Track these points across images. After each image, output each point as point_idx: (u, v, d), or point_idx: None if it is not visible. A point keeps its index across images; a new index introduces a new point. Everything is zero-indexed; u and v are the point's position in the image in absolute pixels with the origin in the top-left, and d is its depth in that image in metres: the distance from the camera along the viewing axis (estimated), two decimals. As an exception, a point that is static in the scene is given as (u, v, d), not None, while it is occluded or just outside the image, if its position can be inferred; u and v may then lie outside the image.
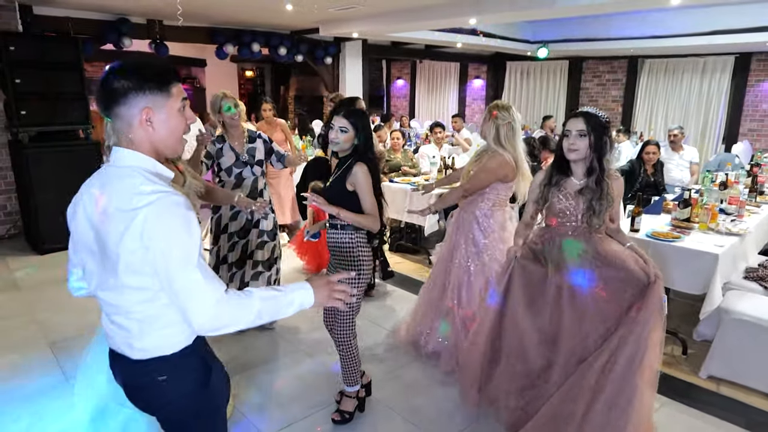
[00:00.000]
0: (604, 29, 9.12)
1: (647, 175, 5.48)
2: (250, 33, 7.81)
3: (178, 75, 1.40)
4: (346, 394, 2.66)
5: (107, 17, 6.47)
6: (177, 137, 1.37)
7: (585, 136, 2.20)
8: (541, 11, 5.64)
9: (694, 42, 8.06)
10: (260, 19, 7.07)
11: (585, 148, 2.21)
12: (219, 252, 3.39)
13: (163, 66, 1.35)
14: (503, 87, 12.38)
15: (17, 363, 3.18)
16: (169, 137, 1.35)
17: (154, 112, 1.30)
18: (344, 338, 2.53)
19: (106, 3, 5.79)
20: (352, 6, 5.90)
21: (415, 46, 10.16)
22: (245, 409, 2.75)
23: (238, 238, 3.39)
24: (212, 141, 3.22)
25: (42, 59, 5.24)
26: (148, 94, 1.29)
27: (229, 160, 3.24)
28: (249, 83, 13.54)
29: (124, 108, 1.29)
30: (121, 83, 1.27)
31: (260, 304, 1.31)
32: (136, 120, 1.30)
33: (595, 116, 2.22)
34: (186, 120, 1.38)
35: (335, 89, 9.26)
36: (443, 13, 6.04)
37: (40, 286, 4.38)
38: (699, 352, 3.31)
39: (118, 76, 1.28)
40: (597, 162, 2.23)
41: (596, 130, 2.20)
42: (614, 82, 10.97)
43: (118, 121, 1.31)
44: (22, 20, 5.68)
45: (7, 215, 5.81)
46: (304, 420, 2.68)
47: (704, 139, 9.70)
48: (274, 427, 2.63)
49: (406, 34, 8.21)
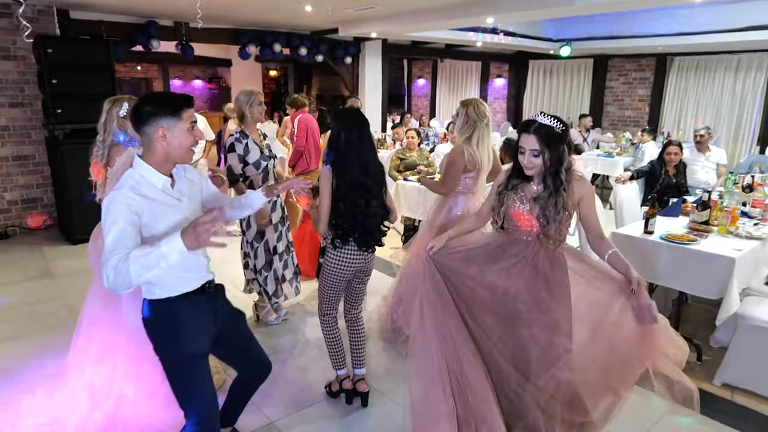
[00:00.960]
0: (630, 26, 8.98)
1: (668, 176, 5.42)
2: (271, 34, 8.00)
3: (191, 102, 1.83)
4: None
5: (137, 20, 6.74)
6: (185, 150, 1.82)
7: (539, 156, 2.09)
8: (559, 9, 5.63)
9: (727, 39, 7.82)
10: (281, 20, 7.24)
11: (541, 164, 2.10)
12: (268, 245, 3.54)
13: (179, 96, 1.81)
14: (525, 86, 12.30)
15: (47, 343, 3.41)
16: (178, 149, 1.79)
17: (168, 131, 1.75)
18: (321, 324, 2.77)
19: (135, 6, 6.03)
20: (369, 6, 5.99)
21: (435, 45, 10.20)
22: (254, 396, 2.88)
23: (281, 227, 3.60)
24: (236, 139, 3.34)
25: (76, 61, 5.52)
26: (164, 118, 1.74)
27: (255, 154, 3.37)
28: (272, 83, 13.79)
29: (146, 127, 1.75)
30: (145, 109, 1.74)
31: (135, 265, 1.56)
32: (155, 136, 1.75)
33: (547, 129, 2.08)
34: (194, 137, 1.83)
35: (355, 89, 9.37)
36: (460, 13, 6.09)
37: (72, 274, 4.63)
38: (715, 359, 3.25)
39: (144, 104, 1.76)
40: (552, 175, 2.11)
41: (551, 145, 2.07)
42: (641, 80, 10.79)
43: (144, 136, 1.77)
44: (59, 24, 5.99)
45: (44, 207, 6.13)
46: (312, 407, 2.81)
47: (737, 141, 9.44)
48: (282, 413, 2.77)
49: (426, 34, 8.26)
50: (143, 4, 5.82)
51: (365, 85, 9.27)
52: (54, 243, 5.58)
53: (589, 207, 2.21)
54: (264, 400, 2.84)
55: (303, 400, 2.88)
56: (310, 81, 13.44)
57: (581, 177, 2.19)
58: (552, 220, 2.14)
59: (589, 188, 2.21)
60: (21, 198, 5.98)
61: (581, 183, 2.18)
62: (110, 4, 5.90)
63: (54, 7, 5.89)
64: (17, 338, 3.52)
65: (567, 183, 2.12)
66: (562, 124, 2.09)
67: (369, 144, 2.54)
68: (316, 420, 2.72)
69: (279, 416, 2.74)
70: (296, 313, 3.96)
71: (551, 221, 2.14)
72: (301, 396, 2.91)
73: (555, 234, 2.17)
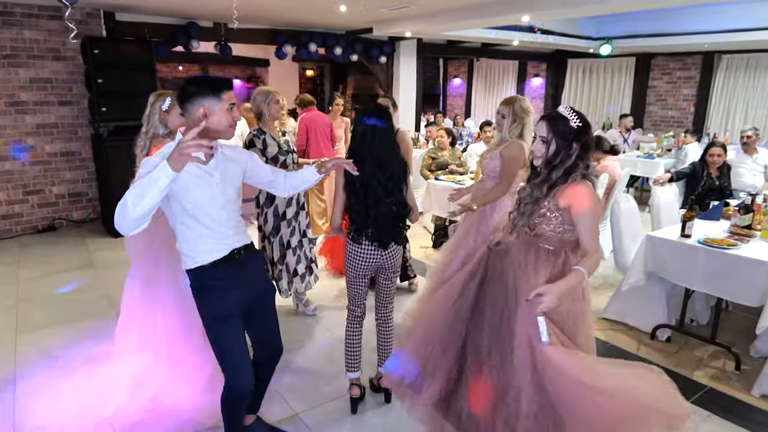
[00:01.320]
0: (675, 23, 8.68)
1: (711, 178, 5.22)
2: (307, 34, 8.11)
3: (230, 85, 1.96)
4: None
5: (178, 21, 6.96)
6: (224, 128, 1.94)
7: (545, 143, 1.99)
8: (595, 7, 5.49)
9: (780, 35, 7.47)
10: (316, 20, 7.33)
11: (545, 153, 2.01)
12: (282, 239, 3.64)
13: (220, 79, 1.96)
14: (563, 85, 12.05)
15: (87, 330, 3.58)
16: (217, 126, 1.91)
17: (208, 109, 1.88)
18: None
19: (177, 8, 6.23)
20: (404, 6, 6.00)
21: (471, 44, 10.11)
22: (280, 387, 2.95)
23: (295, 222, 3.68)
24: (254, 135, 3.48)
25: (121, 61, 5.75)
26: (206, 97, 1.88)
27: (273, 149, 3.48)
28: (309, 82, 13.95)
29: (189, 104, 1.90)
30: (190, 89, 1.89)
31: (129, 195, 1.66)
32: (196, 114, 1.88)
33: (561, 118, 1.97)
34: (233, 118, 1.96)
35: (389, 88, 9.39)
36: (495, 11, 6.03)
37: (113, 266, 4.83)
38: (754, 369, 3.14)
39: (189, 84, 1.91)
40: (550, 166, 2.00)
41: (560, 135, 1.96)
42: (686, 79, 10.41)
43: (186, 114, 1.92)
44: (105, 26, 6.25)
45: (88, 201, 6.41)
46: (335, 401, 2.84)
47: (790, 144, 9.01)
48: (307, 405, 2.81)
49: (461, 33, 8.21)
50: (184, 5, 6.00)
51: (399, 84, 9.27)
52: (97, 235, 5.83)
53: (578, 219, 1.97)
54: (290, 393, 2.90)
55: (327, 394, 2.92)
56: (346, 80, 13.55)
57: (580, 183, 1.97)
58: (521, 212, 2.08)
59: (582, 197, 1.95)
60: (68, 192, 6.27)
61: (577, 189, 1.96)
62: (154, 6, 6.12)
63: (101, 10, 6.15)
64: (60, 325, 3.69)
65: (562, 180, 1.98)
66: (580, 120, 1.97)
67: (386, 140, 2.48)
68: (339, 414, 2.75)
69: (303, 408, 2.79)
70: (327, 309, 4.01)
71: (520, 213, 2.08)
72: (325, 390, 2.95)
73: (522, 225, 2.08)
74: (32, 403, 2.77)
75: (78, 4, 5.58)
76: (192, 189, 1.92)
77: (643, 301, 3.64)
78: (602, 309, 3.93)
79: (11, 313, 3.87)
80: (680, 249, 3.28)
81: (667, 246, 3.35)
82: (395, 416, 2.72)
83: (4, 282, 4.49)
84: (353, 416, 2.74)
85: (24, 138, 5.90)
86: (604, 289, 4.43)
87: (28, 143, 5.94)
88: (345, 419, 2.72)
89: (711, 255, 3.13)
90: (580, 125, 1.97)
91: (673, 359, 3.30)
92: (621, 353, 3.37)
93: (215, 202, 1.98)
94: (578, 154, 1.98)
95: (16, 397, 2.83)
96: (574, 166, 1.98)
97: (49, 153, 6.08)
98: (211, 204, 1.97)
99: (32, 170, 6.02)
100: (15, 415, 2.68)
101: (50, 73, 5.92)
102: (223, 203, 2.01)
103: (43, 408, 2.73)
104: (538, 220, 2.04)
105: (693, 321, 3.76)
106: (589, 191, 1.98)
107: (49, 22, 5.79)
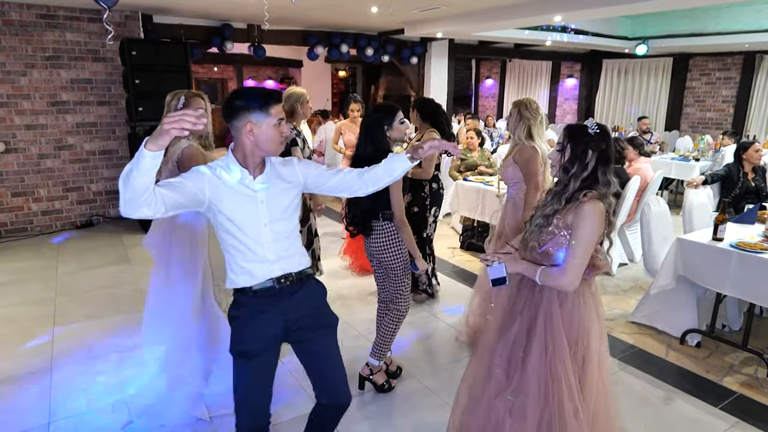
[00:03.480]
0: (713, 23, 8.44)
1: (747, 179, 5.05)
2: (339, 35, 8.20)
3: (279, 98, 1.80)
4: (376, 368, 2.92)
5: (213, 23, 7.14)
6: (273, 144, 1.79)
7: (560, 151, 1.92)
8: (630, 6, 5.39)
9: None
10: (348, 21, 7.40)
11: (560, 160, 1.92)
12: (311, 228, 3.80)
13: (267, 92, 1.78)
14: (598, 86, 11.83)
15: (121, 323, 3.72)
16: (265, 144, 1.77)
17: (255, 126, 1.74)
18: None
19: (212, 10, 6.40)
20: (435, 7, 6.01)
21: (503, 45, 10.03)
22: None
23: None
24: (296, 134, 3.55)
25: (157, 62, 5.92)
26: (253, 113, 1.73)
27: (306, 150, 3.56)
28: (341, 83, 14.08)
29: (236, 121, 1.75)
30: (236, 104, 1.74)
31: (120, 176, 1.51)
32: (244, 130, 1.74)
33: (578, 127, 1.89)
34: (282, 134, 1.79)
35: (420, 88, 9.39)
36: (527, 12, 5.98)
37: (147, 262, 4.90)
38: (787, 376, 3.05)
39: (235, 97, 1.76)
40: (565, 175, 1.90)
41: (575, 139, 1.88)
42: (726, 80, 10.10)
43: (233, 130, 1.77)
44: (143, 28, 6.46)
45: (124, 199, 6.63)
46: (358, 397, 2.87)
47: (833, 145, 8.62)
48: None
49: (493, 33, 8.15)
50: (219, 8, 6.16)
51: (431, 85, 9.27)
52: (132, 232, 6.02)
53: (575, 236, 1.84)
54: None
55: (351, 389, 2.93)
56: (378, 81, 13.62)
57: (593, 201, 1.82)
58: (534, 224, 1.95)
59: (584, 215, 1.81)
60: (105, 189, 6.50)
61: (585, 206, 1.81)
62: (190, 9, 6.30)
63: (139, 12, 6.36)
64: (95, 317, 3.84)
65: (578, 193, 1.85)
66: (599, 128, 1.87)
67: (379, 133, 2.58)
68: (362, 409, 2.78)
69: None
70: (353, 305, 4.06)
71: (532, 226, 1.96)
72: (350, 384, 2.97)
73: (532, 246, 1.95)
74: (67, 391, 2.90)
75: (117, 6, 5.78)
76: (226, 201, 1.75)
77: (672, 305, 3.55)
78: (630, 312, 3.85)
79: (50, 306, 4.04)
80: (712, 253, 3.20)
81: (698, 249, 3.26)
82: (420, 414, 2.73)
83: (44, 276, 4.69)
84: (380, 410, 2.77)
85: (64, 137, 6.16)
86: (634, 292, 4.34)
87: (68, 142, 6.19)
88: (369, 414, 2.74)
89: (744, 259, 3.05)
90: (597, 132, 1.86)
91: (702, 365, 3.21)
92: (649, 357, 3.31)
93: (258, 221, 1.79)
94: (595, 166, 1.86)
95: (53, 384, 2.97)
96: (592, 179, 1.86)
97: (87, 151, 6.33)
98: (252, 222, 1.78)
99: (72, 168, 6.28)
100: (51, 401, 2.81)
101: (90, 74, 6.16)
102: (266, 221, 1.80)
103: (77, 396, 2.85)
104: (545, 237, 1.92)
105: (725, 326, 3.65)
106: (597, 212, 1.81)
107: (90, 25, 6.02)
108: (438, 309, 4.03)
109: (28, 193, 6.08)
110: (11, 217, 6.03)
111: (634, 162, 5.26)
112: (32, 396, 2.85)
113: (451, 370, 3.17)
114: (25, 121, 5.93)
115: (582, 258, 1.83)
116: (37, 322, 3.74)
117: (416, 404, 2.82)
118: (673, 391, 2.94)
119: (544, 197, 2.07)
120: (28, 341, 3.47)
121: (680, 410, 2.78)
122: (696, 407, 2.80)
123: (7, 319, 3.81)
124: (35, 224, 6.17)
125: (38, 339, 3.50)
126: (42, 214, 6.18)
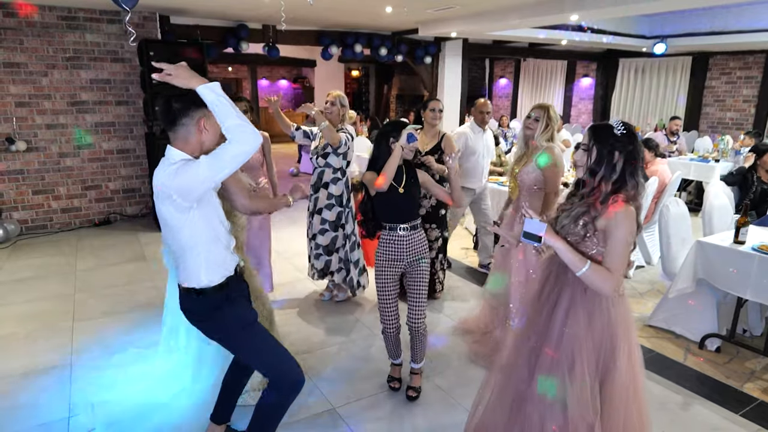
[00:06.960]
0: (735, 20, 8.28)
1: (762, 182, 4.97)
2: (353, 35, 8.20)
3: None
4: (416, 372, 2.91)
5: (229, 24, 7.19)
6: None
7: (587, 152, 1.88)
8: (647, 5, 5.31)
9: None
10: (362, 21, 7.40)
11: (586, 161, 1.89)
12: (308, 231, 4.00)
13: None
14: (614, 86, 11.68)
15: (137, 319, 3.77)
16: (214, 139, 1.96)
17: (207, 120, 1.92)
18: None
19: (228, 11, 6.44)
20: (449, 7, 5.98)
21: (518, 44, 9.96)
22: (318, 381, 3.01)
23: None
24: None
25: (174, 62, 5.92)
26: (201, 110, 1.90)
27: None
28: (354, 82, 14.10)
29: (186, 119, 1.91)
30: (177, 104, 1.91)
31: (233, 123, 1.83)
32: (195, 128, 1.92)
33: (604, 127, 1.86)
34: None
35: (433, 88, 9.36)
36: (542, 11, 5.92)
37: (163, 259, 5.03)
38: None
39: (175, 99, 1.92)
40: (592, 175, 1.87)
41: (600, 140, 1.84)
42: (747, 79, 9.91)
43: (182, 128, 1.91)
44: (161, 29, 6.52)
45: (141, 197, 6.72)
46: (371, 397, 2.87)
47: None
48: (343, 400, 2.85)
49: (508, 32, 8.10)
50: (235, 8, 6.20)
51: (444, 84, 9.22)
52: (148, 230, 6.10)
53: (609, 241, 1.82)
54: (328, 386, 2.96)
55: (364, 389, 2.95)
56: (391, 81, 13.61)
57: (625, 207, 1.80)
58: (560, 224, 1.91)
59: (619, 220, 1.79)
60: (122, 188, 6.59)
61: (619, 210, 1.79)
62: (206, 10, 6.35)
63: (157, 13, 6.43)
64: (112, 314, 3.89)
65: (609, 196, 1.82)
66: (625, 128, 1.84)
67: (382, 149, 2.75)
68: (375, 409, 2.78)
69: (341, 403, 2.82)
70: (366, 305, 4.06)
71: (560, 224, 1.91)
72: (362, 385, 2.99)
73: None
74: (86, 386, 2.94)
75: (136, 8, 5.85)
76: (213, 200, 2.00)
77: (691, 309, 3.50)
78: (648, 316, 3.80)
79: (69, 302, 4.10)
80: (732, 256, 3.14)
81: (718, 252, 3.21)
82: (432, 414, 2.73)
83: (63, 272, 4.77)
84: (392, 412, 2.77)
85: (83, 136, 6.26)
86: (651, 295, 4.29)
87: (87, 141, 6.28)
88: (381, 414, 2.74)
89: (766, 263, 2.99)
90: (623, 133, 1.83)
91: (722, 370, 3.16)
92: (667, 362, 3.26)
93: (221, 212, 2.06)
94: (623, 168, 1.82)
95: (73, 378, 3.02)
96: (622, 181, 1.83)
97: (106, 150, 6.42)
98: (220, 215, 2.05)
99: (91, 166, 6.37)
100: (71, 395, 2.86)
101: (109, 75, 6.25)
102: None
103: (95, 390, 2.90)
104: (572, 239, 1.88)
105: (746, 331, 3.58)
106: (629, 217, 1.80)
107: (109, 26, 6.11)
108: (449, 309, 4.02)
109: (48, 190, 6.19)
110: (32, 215, 6.15)
111: (651, 164, 5.19)
112: (52, 390, 2.90)
113: (463, 370, 3.16)
114: (46, 120, 6.03)
115: (622, 265, 1.81)
116: (57, 318, 3.81)
117: (430, 404, 2.82)
118: (692, 396, 2.90)
119: (565, 199, 2.05)
120: (48, 336, 3.53)
121: (699, 416, 2.74)
122: (716, 413, 2.75)
123: (28, 314, 3.88)
124: (55, 221, 6.27)
125: (58, 334, 3.57)
126: (61, 211, 6.29)
